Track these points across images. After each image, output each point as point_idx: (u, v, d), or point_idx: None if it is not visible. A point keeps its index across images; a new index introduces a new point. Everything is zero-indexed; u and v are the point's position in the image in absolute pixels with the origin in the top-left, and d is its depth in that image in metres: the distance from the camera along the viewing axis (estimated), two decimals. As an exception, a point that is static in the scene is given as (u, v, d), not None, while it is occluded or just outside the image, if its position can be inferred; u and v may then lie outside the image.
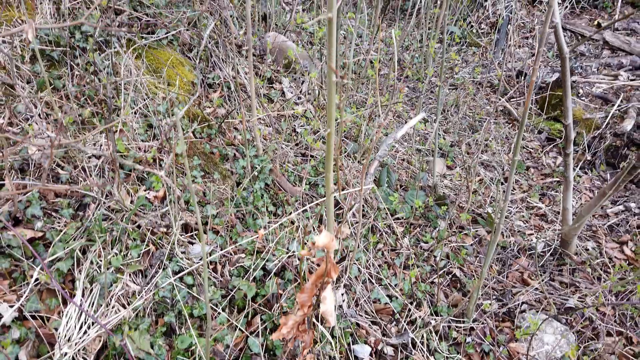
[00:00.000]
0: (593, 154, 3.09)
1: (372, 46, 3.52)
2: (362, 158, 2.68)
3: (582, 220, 2.15)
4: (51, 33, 1.83)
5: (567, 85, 1.98)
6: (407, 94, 3.90)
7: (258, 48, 3.08)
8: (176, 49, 2.37)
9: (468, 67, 4.24)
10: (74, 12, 1.96)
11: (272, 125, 2.58)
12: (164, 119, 1.99)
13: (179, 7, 2.56)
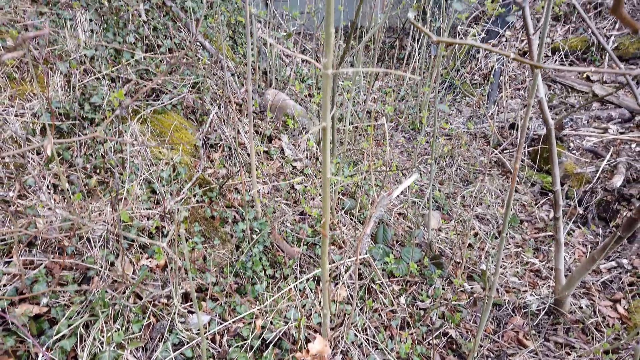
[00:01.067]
0: (585, 208, 3.15)
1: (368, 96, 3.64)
2: (360, 215, 2.74)
3: (574, 283, 2.20)
4: (62, 105, 1.92)
5: (553, 154, 2.06)
6: (403, 144, 4.00)
7: (259, 105, 3.19)
8: (180, 112, 2.47)
9: (462, 117, 4.36)
10: (84, 84, 2.06)
11: (271, 183, 2.66)
12: (167, 185, 2.06)
13: (184, 71, 2.67)
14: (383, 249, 2.51)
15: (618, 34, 4.21)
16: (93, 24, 2.35)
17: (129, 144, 2.00)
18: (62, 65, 2.00)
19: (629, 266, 2.71)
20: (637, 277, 2.64)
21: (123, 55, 2.32)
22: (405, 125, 4.24)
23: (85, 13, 2.36)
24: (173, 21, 3.05)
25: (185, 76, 2.63)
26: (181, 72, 2.61)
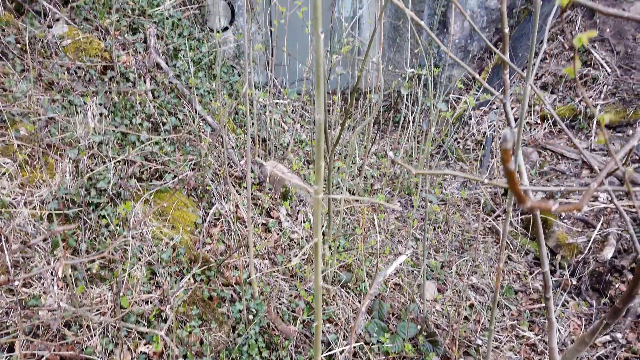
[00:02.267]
0: (578, 278, 3.19)
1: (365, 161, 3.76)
2: (356, 288, 2.79)
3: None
4: (69, 192, 2.02)
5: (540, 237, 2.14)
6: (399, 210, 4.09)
7: (258, 177, 3.29)
8: (181, 191, 2.56)
9: (456, 182, 4.47)
10: (91, 170, 2.17)
11: (269, 256, 2.72)
12: (167, 265, 2.12)
13: (187, 149, 2.80)
14: (379, 324, 2.54)
15: (604, 102, 4.40)
16: (102, 108, 2.49)
17: (131, 230, 2.07)
18: (71, 152, 2.11)
19: (624, 340, 2.73)
20: (632, 353, 2.65)
21: (129, 138, 2.44)
22: (401, 190, 4.34)
23: (95, 97, 2.51)
24: (178, 98, 3.21)
25: (188, 154, 2.74)
26: (184, 151, 2.73)
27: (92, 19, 2.98)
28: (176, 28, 3.74)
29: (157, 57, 3.26)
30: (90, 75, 2.61)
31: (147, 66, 3.11)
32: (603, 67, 4.48)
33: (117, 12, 3.24)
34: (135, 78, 2.90)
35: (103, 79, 2.69)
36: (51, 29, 2.70)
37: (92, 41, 2.77)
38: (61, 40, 2.63)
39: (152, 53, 3.24)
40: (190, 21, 4.06)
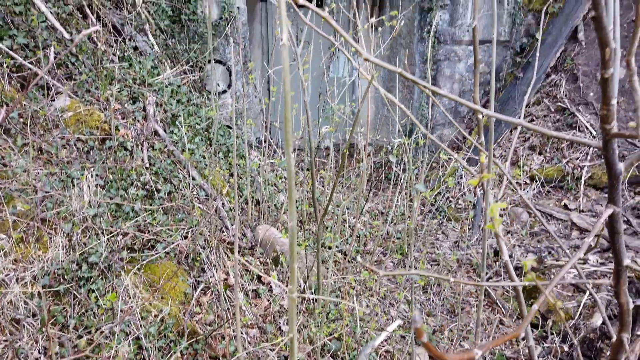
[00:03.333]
0: (570, 345, 3.18)
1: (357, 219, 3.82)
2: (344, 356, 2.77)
3: None
4: (60, 267, 2.07)
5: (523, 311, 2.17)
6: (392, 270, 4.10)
7: (250, 241, 3.35)
8: (172, 259, 2.61)
9: (449, 242, 4.51)
10: (84, 244, 2.23)
11: (258, 325, 2.72)
12: (154, 339, 2.14)
13: (180, 217, 2.86)
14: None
15: (590, 164, 4.51)
16: (99, 179, 2.58)
17: (122, 299, 2.11)
18: (65, 226, 2.18)
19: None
20: None
21: (123, 209, 2.52)
22: (394, 250, 4.37)
23: (92, 168, 2.60)
24: (174, 164, 3.31)
25: (181, 221, 2.81)
26: (176, 219, 2.79)
27: (93, 91, 3.13)
28: (175, 95, 3.90)
29: (155, 125, 3.39)
30: (89, 147, 2.71)
31: (145, 134, 3.23)
32: (588, 130, 4.62)
33: (119, 83, 3.39)
34: (133, 146, 3.01)
35: (101, 149, 2.80)
36: (54, 102, 2.83)
37: (93, 113, 2.90)
38: (63, 113, 2.75)
39: (150, 121, 3.37)
40: (189, 87, 4.24)
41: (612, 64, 0.86)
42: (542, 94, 5.00)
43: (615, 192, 1.13)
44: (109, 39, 3.56)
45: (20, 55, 2.81)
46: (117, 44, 3.65)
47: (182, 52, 4.50)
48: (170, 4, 4.39)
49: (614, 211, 1.16)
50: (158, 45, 4.10)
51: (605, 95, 0.92)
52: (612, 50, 0.85)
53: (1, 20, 2.77)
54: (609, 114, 0.95)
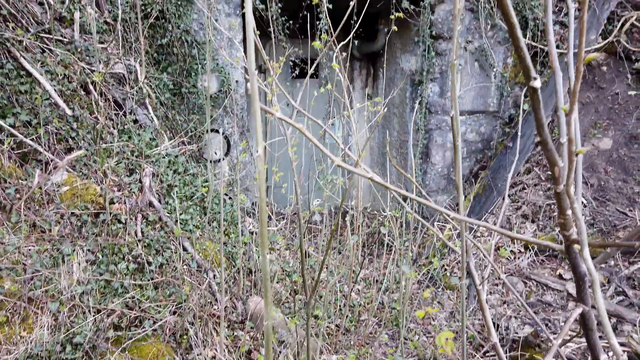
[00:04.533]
0: None
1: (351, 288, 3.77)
2: None
3: None
4: (44, 348, 2.04)
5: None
6: (387, 342, 4.02)
7: (240, 314, 3.31)
8: (159, 337, 2.57)
9: (444, 312, 4.44)
10: (71, 322, 2.21)
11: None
12: None
13: (170, 290, 2.85)
14: None
15: (583, 233, 4.53)
16: (89, 254, 2.60)
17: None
18: (52, 305, 2.17)
19: None
20: None
21: (112, 285, 2.52)
22: (389, 320, 4.30)
23: (84, 243, 2.63)
24: (167, 235, 3.34)
25: (170, 296, 2.79)
26: (165, 294, 2.78)
27: (91, 164, 3.21)
28: (172, 165, 3.99)
29: (151, 196, 3.46)
30: (82, 221, 2.75)
31: (140, 206, 3.29)
32: (579, 199, 4.68)
33: (117, 155, 3.49)
34: (127, 219, 3.05)
35: (95, 223, 2.84)
36: (51, 176, 2.90)
37: (89, 187, 2.96)
38: (59, 187, 2.82)
39: (146, 193, 3.44)
40: (186, 157, 4.35)
41: (562, 180, 0.92)
42: (532, 162, 5.11)
43: (583, 292, 1.16)
44: (109, 113, 3.70)
45: (22, 131, 2.92)
46: (117, 117, 3.79)
47: (181, 123, 4.65)
48: (172, 78, 4.59)
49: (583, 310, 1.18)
50: (158, 117, 4.25)
51: (560, 207, 0.97)
52: (561, 168, 0.91)
53: (6, 100, 2.90)
54: (566, 222, 1.00)
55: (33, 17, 3.54)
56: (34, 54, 3.29)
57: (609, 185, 4.67)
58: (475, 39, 5.12)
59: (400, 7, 4.94)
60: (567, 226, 0.99)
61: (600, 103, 5.06)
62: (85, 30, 3.92)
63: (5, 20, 3.29)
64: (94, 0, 4.11)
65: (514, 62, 5.26)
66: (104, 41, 4.03)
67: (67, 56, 3.49)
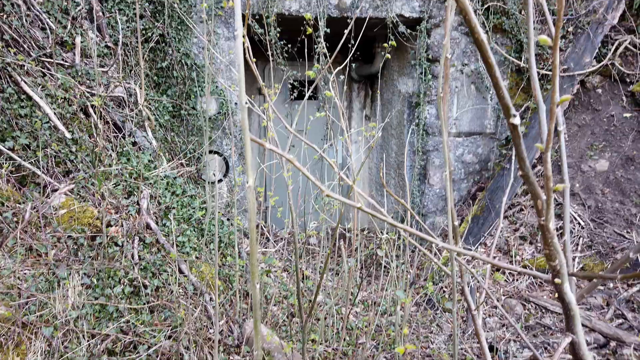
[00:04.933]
0: None
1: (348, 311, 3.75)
2: None
3: None
4: (37, 374, 2.03)
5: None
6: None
7: (237, 337, 3.28)
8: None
9: (443, 335, 4.41)
10: (64, 347, 2.20)
11: None
12: None
13: (165, 314, 2.84)
14: None
15: (581, 255, 4.52)
16: (85, 278, 2.59)
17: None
18: (46, 330, 2.17)
19: None
20: None
21: (108, 309, 2.51)
22: (388, 343, 4.26)
23: (80, 266, 2.63)
24: (163, 257, 3.34)
25: (165, 320, 2.78)
26: (160, 318, 2.77)
27: (89, 187, 3.23)
28: (170, 187, 4.01)
29: (148, 219, 3.46)
30: (79, 244, 2.76)
31: (137, 229, 3.29)
32: (576, 220, 4.69)
33: (115, 178, 3.51)
34: (124, 242, 3.05)
35: (92, 246, 2.84)
36: (49, 199, 2.92)
37: (86, 209, 2.98)
38: (57, 210, 2.83)
39: (143, 215, 3.45)
40: (184, 179, 4.37)
41: (544, 212, 0.94)
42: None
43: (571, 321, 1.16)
44: (109, 136, 3.74)
45: (21, 155, 2.95)
46: (116, 140, 3.82)
47: (180, 144, 4.69)
48: (171, 100, 4.64)
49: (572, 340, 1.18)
50: (157, 139, 4.29)
51: (545, 238, 0.98)
52: (544, 201, 0.92)
53: (6, 123, 2.93)
54: (552, 253, 1.01)
55: (35, 42, 3.60)
56: (34, 78, 3.34)
57: (606, 206, 4.68)
58: (471, 61, 5.19)
59: (396, 31, 5.03)
60: (553, 257, 1.00)
61: (596, 125, 5.11)
62: (86, 54, 3.98)
63: (8, 45, 3.35)
64: (96, 25, 4.18)
65: (510, 85, 5.32)
66: (105, 65, 4.09)
67: (67, 80, 3.54)
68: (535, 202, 0.91)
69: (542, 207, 0.91)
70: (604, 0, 5.06)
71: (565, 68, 5.04)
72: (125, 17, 4.34)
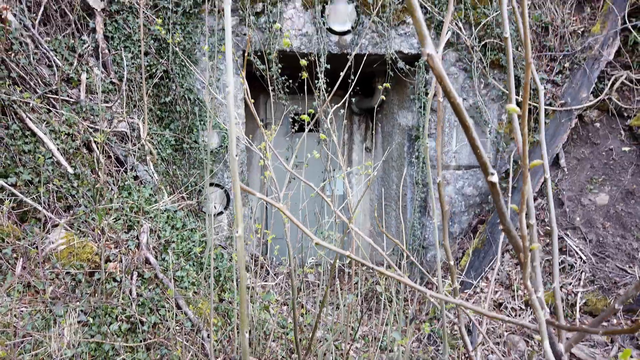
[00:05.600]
0: None
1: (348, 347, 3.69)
2: None
3: None
4: (29, 416, 2.01)
5: None
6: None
7: (234, 375, 3.24)
8: (149, 402, 2.52)
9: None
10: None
11: None
12: None
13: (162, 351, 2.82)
14: None
15: (584, 290, 4.48)
16: (82, 315, 2.59)
17: None
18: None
19: None
20: None
21: (103, 347, 2.49)
22: (388, 381, 4.18)
23: (77, 303, 2.62)
24: (162, 292, 3.33)
25: (161, 358, 2.75)
26: (156, 355, 2.75)
27: (90, 222, 3.25)
28: (171, 221, 4.03)
29: (147, 253, 3.47)
30: (77, 281, 2.76)
31: (136, 264, 3.30)
32: (578, 254, 4.66)
33: (116, 212, 3.54)
34: (122, 277, 3.05)
35: (90, 282, 2.85)
36: (49, 235, 2.94)
37: (86, 245, 2.99)
38: (56, 246, 2.85)
39: (142, 249, 3.46)
40: (185, 212, 4.39)
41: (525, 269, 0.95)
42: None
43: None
44: (111, 170, 3.78)
45: (23, 190, 2.99)
46: (118, 174, 3.87)
47: (181, 178, 4.73)
48: (174, 134, 4.71)
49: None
50: (158, 173, 4.33)
51: (528, 290, 0.99)
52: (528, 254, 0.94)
53: (10, 159, 2.98)
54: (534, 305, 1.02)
55: (41, 78, 3.70)
56: (39, 114, 3.41)
57: (607, 241, 4.65)
58: (469, 96, 5.27)
59: (395, 66, 5.13)
60: (542, 306, 1.01)
61: (595, 159, 5.14)
62: (91, 90, 4.07)
63: (15, 82, 3.44)
64: (102, 62, 4.30)
65: (509, 119, 5.38)
66: (109, 100, 4.18)
67: (71, 116, 3.62)
68: (518, 255, 0.93)
69: (524, 260, 0.92)
70: (599, 37, 5.16)
71: (562, 103, 5.11)
72: (130, 54, 4.45)
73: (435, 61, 0.72)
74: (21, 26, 3.79)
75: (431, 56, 0.72)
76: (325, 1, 4.94)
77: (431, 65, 0.74)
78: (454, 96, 0.75)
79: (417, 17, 0.70)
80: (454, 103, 0.75)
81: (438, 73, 0.72)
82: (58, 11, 4.24)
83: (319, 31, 4.99)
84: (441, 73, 0.72)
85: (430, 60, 0.73)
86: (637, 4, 5.08)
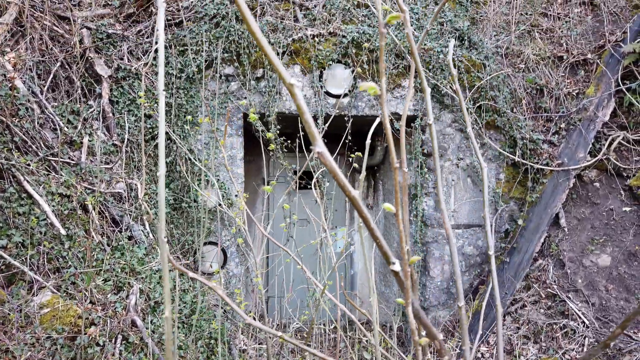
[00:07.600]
0: None
1: None
2: None
3: None
4: None
5: None
6: None
7: None
8: None
9: None
10: None
11: None
12: None
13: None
14: None
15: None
16: (58, 382, 2.56)
17: None
18: None
19: None
20: None
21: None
22: None
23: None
24: (146, 357, 3.29)
25: None
26: None
27: (78, 283, 3.28)
28: (162, 281, 4.03)
29: (134, 315, 3.46)
30: (59, 346, 2.76)
31: (122, 326, 3.28)
32: (580, 319, 4.50)
33: (106, 273, 3.57)
34: (105, 341, 3.04)
35: (71, 346, 2.83)
36: (35, 297, 2.96)
37: (70, 308, 3.00)
38: (41, 309, 2.87)
39: (130, 312, 3.45)
40: (178, 272, 4.39)
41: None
42: (531, 279, 5.00)
43: None
44: (105, 230, 3.85)
45: (14, 252, 3.05)
46: (113, 234, 3.93)
47: (177, 237, 4.77)
48: (173, 193, 4.81)
49: None
50: (154, 232, 4.39)
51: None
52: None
53: (3, 222, 3.07)
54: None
55: (44, 142, 3.86)
56: (38, 176, 3.53)
57: (610, 304, 4.50)
58: (466, 156, 5.32)
59: (393, 127, 5.23)
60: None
61: (595, 219, 5.06)
62: (92, 153, 4.22)
63: (17, 147, 3.60)
64: (105, 125, 4.48)
65: (507, 178, 5.39)
66: (110, 161, 4.32)
67: (69, 178, 3.73)
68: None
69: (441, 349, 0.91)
70: (593, 99, 5.24)
71: (559, 163, 5.12)
72: (134, 117, 4.64)
73: (325, 157, 0.76)
74: (29, 92, 4.00)
75: (321, 153, 0.76)
76: (323, 67, 5.13)
77: (322, 161, 0.78)
78: (348, 190, 0.78)
79: (306, 119, 0.75)
80: (349, 196, 0.78)
81: (330, 168, 0.76)
82: (67, 78, 4.49)
83: (316, 94, 5.16)
84: (333, 168, 0.76)
85: (321, 157, 0.76)
86: (629, 67, 5.18)
